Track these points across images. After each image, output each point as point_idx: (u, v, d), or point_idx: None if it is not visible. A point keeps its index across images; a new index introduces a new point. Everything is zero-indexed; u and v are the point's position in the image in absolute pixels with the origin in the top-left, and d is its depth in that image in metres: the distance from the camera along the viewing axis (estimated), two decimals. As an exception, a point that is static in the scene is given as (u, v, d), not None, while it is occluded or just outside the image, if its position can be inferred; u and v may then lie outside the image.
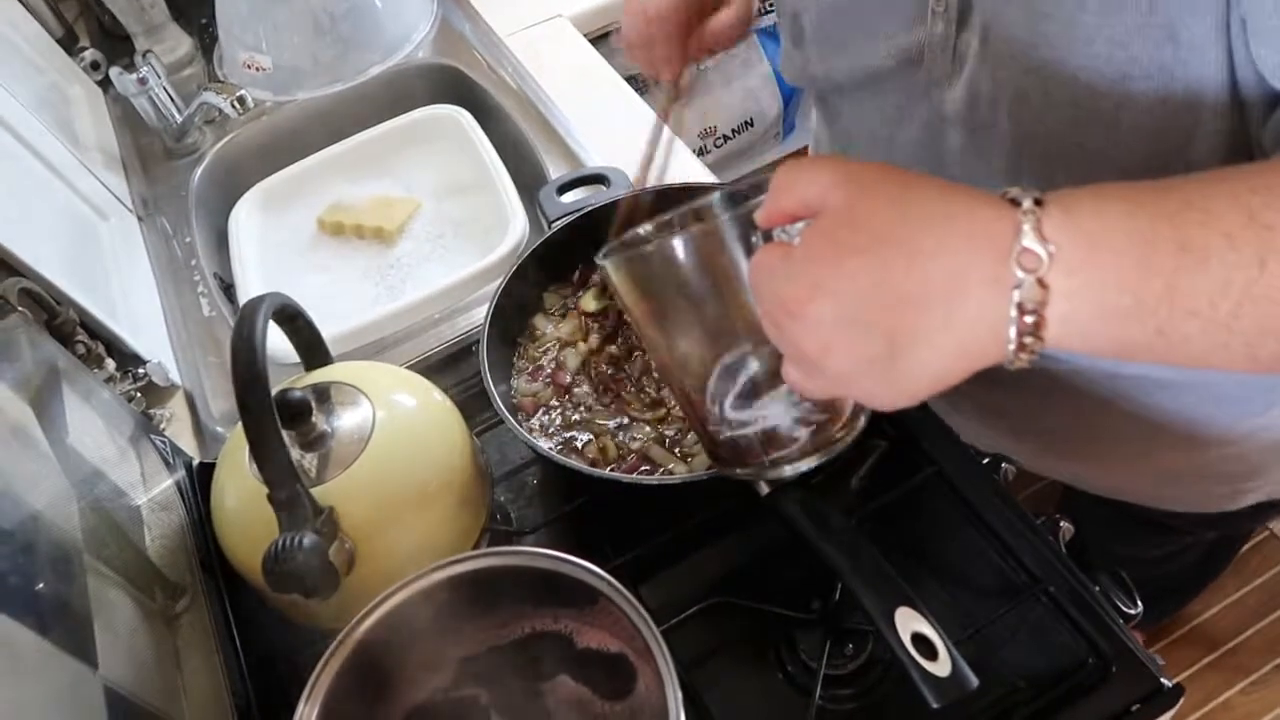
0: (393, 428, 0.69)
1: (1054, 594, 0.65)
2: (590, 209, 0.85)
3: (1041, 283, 0.38)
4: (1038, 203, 0.39)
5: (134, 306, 0.96)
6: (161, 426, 0.88)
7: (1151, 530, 1.09)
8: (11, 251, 0.76)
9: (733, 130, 1.57)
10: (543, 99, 1.13)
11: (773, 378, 0.52)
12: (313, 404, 0.67)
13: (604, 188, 0.91)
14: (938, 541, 0.71)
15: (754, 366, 0.52)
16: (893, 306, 0.40)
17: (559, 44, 1.24)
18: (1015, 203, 0.40)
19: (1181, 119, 0.53)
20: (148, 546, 0.77)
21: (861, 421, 0.55)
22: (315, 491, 0.65)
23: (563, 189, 0.90)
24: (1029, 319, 0.39)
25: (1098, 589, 0.65)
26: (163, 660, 0.71)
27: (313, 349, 0.75)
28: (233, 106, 1.02)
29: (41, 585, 0.61)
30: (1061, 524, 0.72)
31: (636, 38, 0.80)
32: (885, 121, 0.72)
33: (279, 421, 0.61)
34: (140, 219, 1.10)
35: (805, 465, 0.55)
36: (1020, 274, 0.38)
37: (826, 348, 0.42)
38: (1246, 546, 1.59)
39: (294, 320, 0.72)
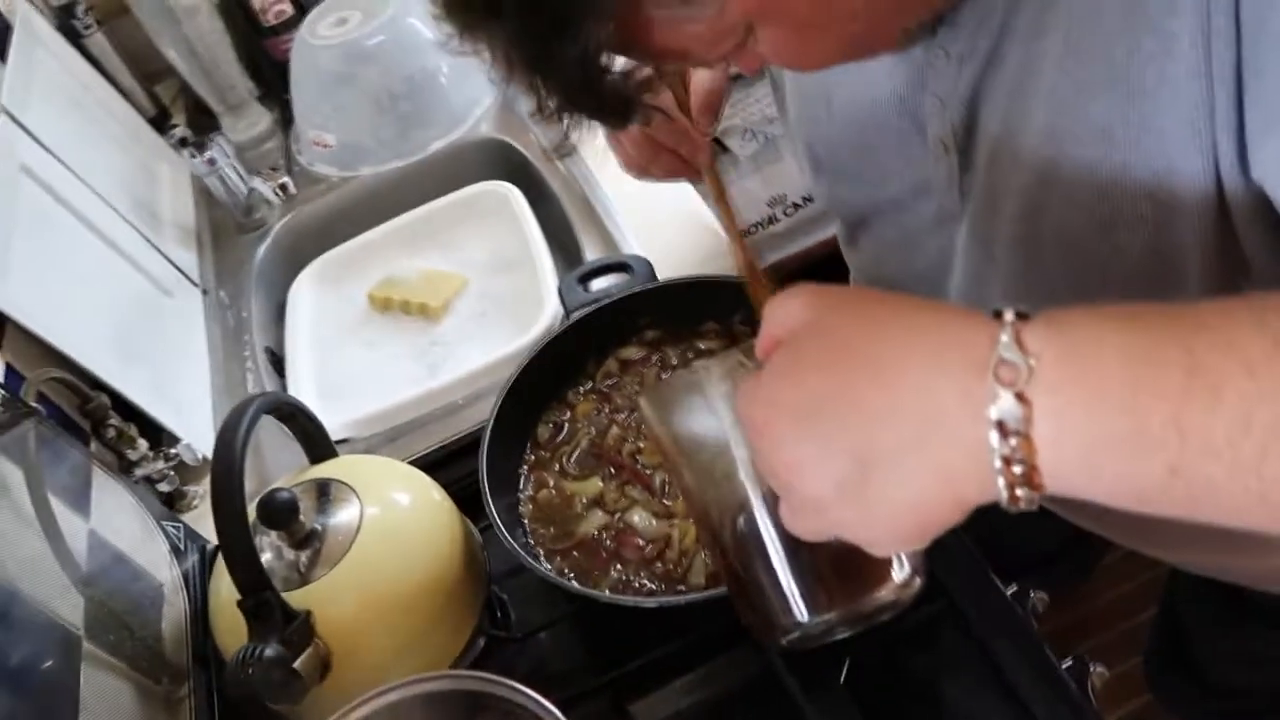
0: (381, 527, 0.69)
1: (1068, 755, 0.59)
2: (606, 303, 0.84)
3: (1022, 398, 0.34)
4: (1021, 316, 0.36)
5: (182, 383, 1.00)
6: (194, 504, 0.91)
7: (1265, 622, 0.98)
8: (51, 343, 0.80)
9: (803, 198, 1.52)
10: (588, 179, 1.12)
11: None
12: (300, 504, 0.68)
13: (628, 275, 0.89)
14: (943, 683, 0.65)
15: (776, 515, 0.46)
16: (855, 421, 0.37)
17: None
18: (999, 315, 0.36)
19: (1174, 267, 0.49)
20: (163, 632, 0.78)
21: (916, 585, 0.47)
22: (299, 593, 0.65)
23: (587, 277, 0.89)
24: (1013, 441, 0.34)
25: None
26: (154, 749, 0.72)
27: (315, 443, 0.75)
28: (275, 194, 1.06)
29: (26, 680, 0.63)
30: (1095, 669, 0.65)
31: (648, 158, 0.77)
32: (901, 249, 0.70)
33: (250, 528, 0.62)
34: (205, 292, 1.15)
35: (842, 633, 0.49)
36: (998, 388, 0.34)
37: (794, 467, 0.39)
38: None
39: (293, 417, 0.73)
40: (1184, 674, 1.11)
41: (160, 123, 1.36)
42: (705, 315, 0.86)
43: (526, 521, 0.78)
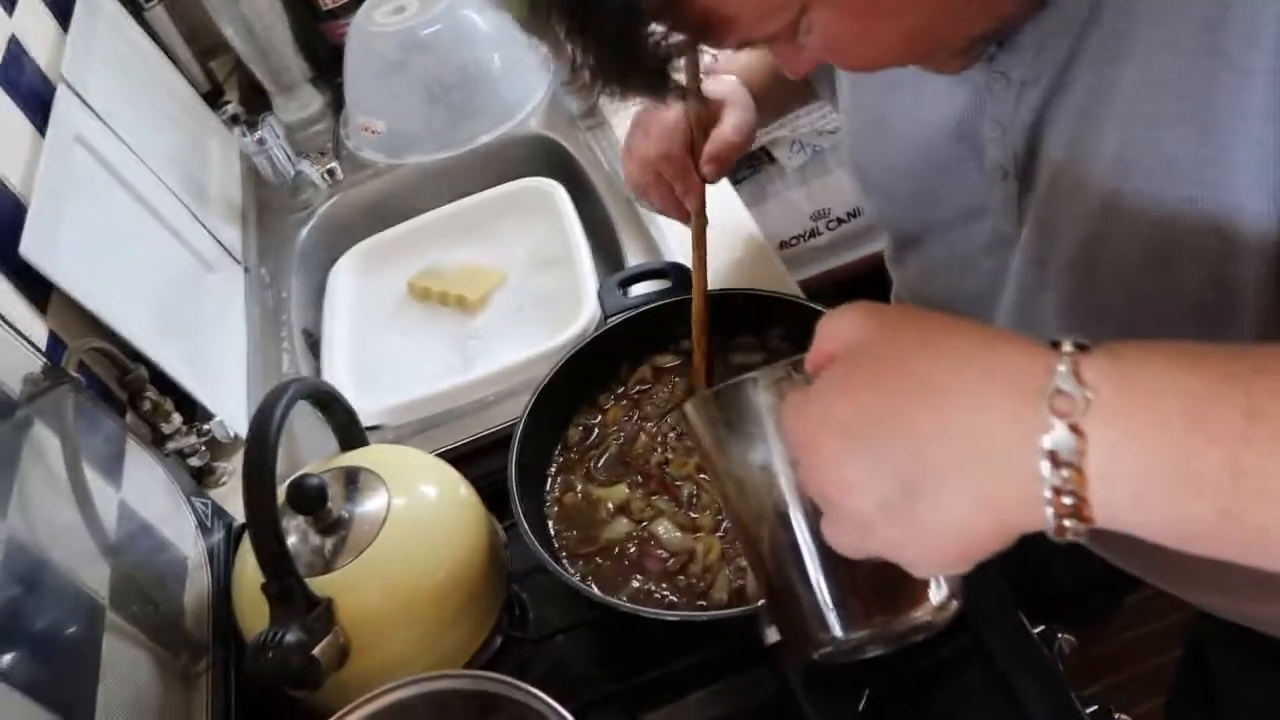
0: (408, 519, 0.69)
1: (1087, 803, 0.58)
2: (645, 309, 0.84)
3: (1076, 429, 0.34)
4: (1080, 347, 0.36)
5: (219, 360, 1.01)
6: (222, 480, 0.92)
7: None
8: (96, 313, 0.80)
9: (847, 214, 1.52)
10: (634, 182, 1.12)
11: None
12: (328, 491, 0.68)
13: (668, 282, 0.89)
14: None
15: (817, 527, 0.46)
16: (904, 441, 0.37)
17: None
18: (1057, 345, 0.36)
19: (1230, 303, 0.48)
20: (185, 606, 0.79)
21: (953, 608, 0.47)
22: (322, 579, 0.65)
23: (626, 281, 0.89)
24: (1065, 473, 0.34)
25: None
26: (169, 722, 0.72)
27: (347, 430, 0.75)
28: (322, 178, 1.06)
29: (48, 645, 0.63)
30: (1117, 716, 0.64)
31: (645, 182, 0.79)
32: (951, 269, 0.69)
33: (279, 515, 0.62)
34: (246, 270, 1.16)
35: (875, 651, 0.48)
36: (1051, 418, 0.34)
37: (841, 484, 0.39)
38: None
39: (327, 403, 0.73)
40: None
41: (213, 99, 1.38)
42: (742, 328, 0.85)
43: (551, 523, 0.78)
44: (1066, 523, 0.35)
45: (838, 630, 0.46)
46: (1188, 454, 0.33)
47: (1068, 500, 0.35)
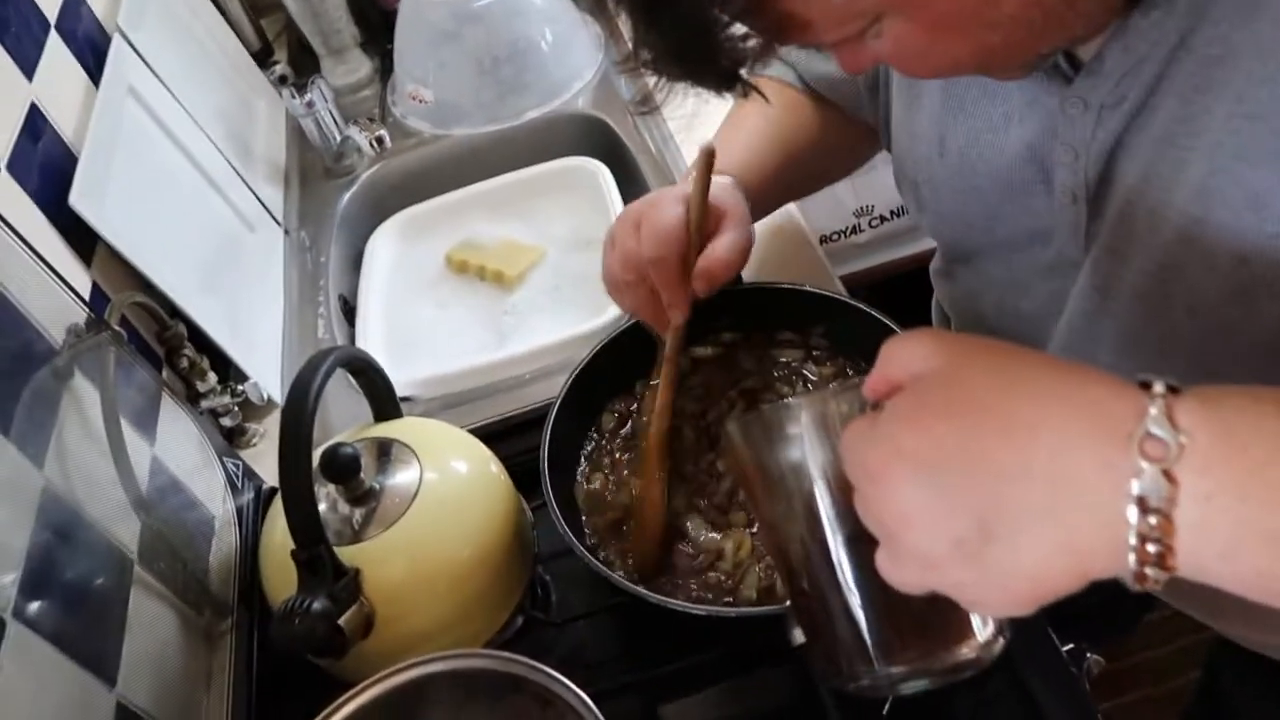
0: (438, 494, 0.69)
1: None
2: (688, 297, 0.82)
3: (1169, 476, 0.33)
4: (1172, 389, 0.35)
5: (256, 321, 1.01)
6: (253, 441, 0.92)
7: None
8: (139, 267, 0.80)
9: (890, 212, 1.50)
10: (681, 168, 1.11)
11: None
12: (361, 461, 0.68)
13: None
14: (987, 735, 0.63)
15: (861, 557, 0.45)
16: (981, 477, 0.36)
17: (712, 117, 1.21)
18: (1145, 386, 0.35)
19: None
20: (210, 565, 0.79)
21: (999, 645, 0.46)
22: (351, 549, 0.66)
23: (670, 269, 0.88)
24: (1153, 520, 0.33)
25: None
26: (190, 679, 0.73)
27: (382, 402, 0.75)
28: (371, 146, 1.06)
29: (77, 598, 0.64)
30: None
31: (625, 280, 0.72)
32: (1007, 289, 0.68)
33: (313, 482, 0.62)
34: (286, 232, 1.16)
35: (914, 687, 0.46)
36: (1142, 463, 0.33)
37: (905, 519, 0.38)
38: None
39: (365, 373, 0.73)
40: (1223, 746, 1.07)
41: (261, 58, 1.37)
42: (784, 324, 0.84)
43: (580, 507, 0.78)
44: (1148, 571, 0.34)
45: (876, 664, 0.45)
46: None
47: (1152, 548, 0.33)
